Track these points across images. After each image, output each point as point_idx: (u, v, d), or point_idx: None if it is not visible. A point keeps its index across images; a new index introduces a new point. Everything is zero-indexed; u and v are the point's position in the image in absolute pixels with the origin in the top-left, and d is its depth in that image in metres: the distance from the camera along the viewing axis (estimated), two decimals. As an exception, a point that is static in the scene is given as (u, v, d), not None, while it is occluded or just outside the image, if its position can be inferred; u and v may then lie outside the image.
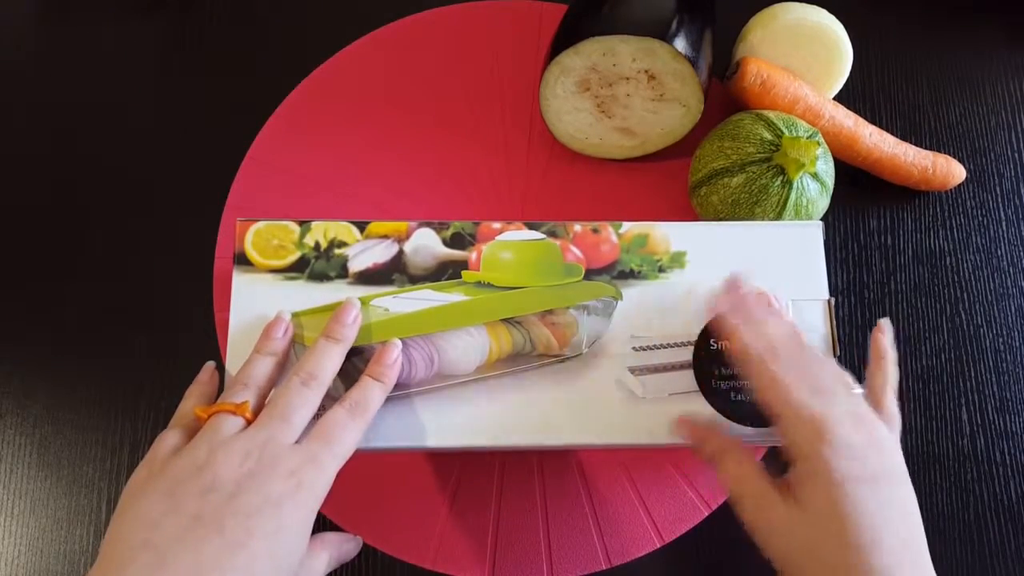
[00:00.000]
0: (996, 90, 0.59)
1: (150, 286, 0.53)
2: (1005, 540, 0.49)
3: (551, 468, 0.49)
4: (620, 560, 0.47)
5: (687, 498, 0.48)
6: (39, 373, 0.51)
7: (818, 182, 0.48)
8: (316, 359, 0.38)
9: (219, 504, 0.32)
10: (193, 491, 0.32)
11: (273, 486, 0.33)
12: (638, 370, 0.41)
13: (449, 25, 0.59)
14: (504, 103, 0.57)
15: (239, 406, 0.36)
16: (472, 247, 0.44)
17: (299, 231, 0.43)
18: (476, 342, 0.42)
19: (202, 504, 0.32)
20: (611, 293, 0.43)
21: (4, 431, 0.50)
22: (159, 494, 0.33)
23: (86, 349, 0.51)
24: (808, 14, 0.52)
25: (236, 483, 0.33)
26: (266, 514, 0.32)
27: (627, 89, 0.50)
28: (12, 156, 0.56)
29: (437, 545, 0.47)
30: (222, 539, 0.31)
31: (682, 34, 0.47)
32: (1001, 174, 0.57)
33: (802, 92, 0.52)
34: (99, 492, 0.49)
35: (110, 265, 0.53)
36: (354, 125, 0.56)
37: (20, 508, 0.49)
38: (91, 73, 0.58)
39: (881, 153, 0.54)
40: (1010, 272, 0.55)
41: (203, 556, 0.31)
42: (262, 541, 0.32)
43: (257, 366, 0.38)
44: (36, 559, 0.48)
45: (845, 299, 0.54)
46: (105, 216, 0.54)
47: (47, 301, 0.52)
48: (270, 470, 0.33)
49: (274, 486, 0.33)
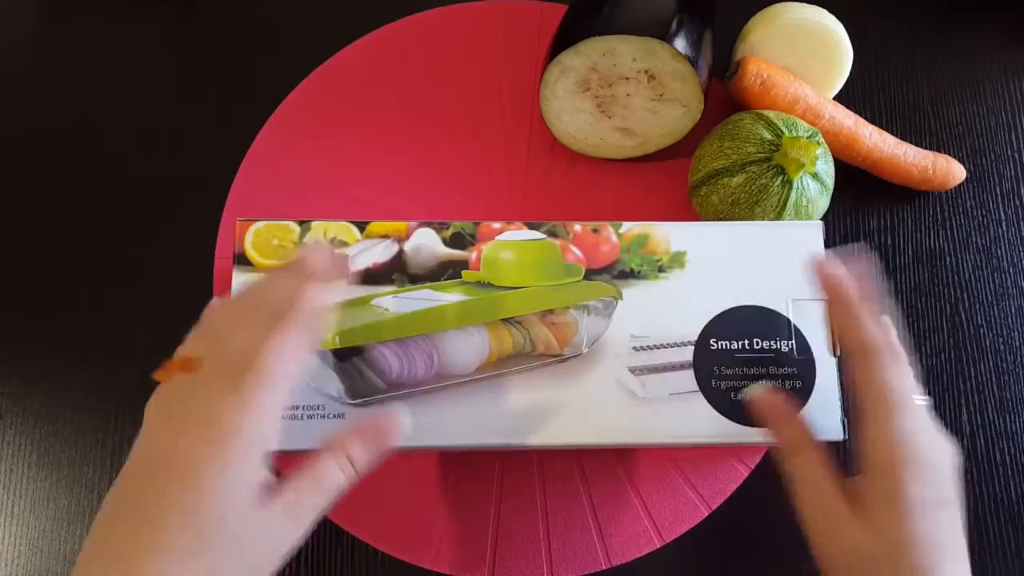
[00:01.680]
0: (996, 90, 0.59)
1: (150, 286, 0.53)
2: (1005, 540, 0.49)
3: (551, 468, 0.49)
4: (620, 560, 0.47)
5: (687, 498, 0.48)
6: (39, 373, 0.51)
7: (818, 182, 0.48)
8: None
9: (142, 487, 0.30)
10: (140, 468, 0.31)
11: (184, 445, 0.29)
12: (638, 370, 0.41)
13: (449, 25, 0.59)
14: (504, 103, 0.57)
15: (185, 361, 0.32)
16: (472, 247, 0.44)
17: (299, 231, 0.43)
18: (476, 342, 0.42)
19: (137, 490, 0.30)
20: (611, 293, 0.43)
21: (4, 431, 0.50)
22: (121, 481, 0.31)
23: (86, 349, 0.51)
24: (808, 14, 0.52)
25: (149, 455, 0.30)
26: (177, 482, 0.29)
27: (627, 89, 0.50)
28: (12, 156, 0.56)
29: (437, 545, 0.47)
30: (147, 531, 0.28)
31: (682, 34, 0.47)
32: (1001, 174, 0.57)
33: (802, 92, 0.52)
34: (99, 492, 0.49)
35: (110, 265, 0.53)
36: (354, 125, 0.56)
37: (20, 508, 0.49)
38: (91, 73, 0.58)
39: (881, 153, 0.54)
40: (1010, 272, 0.55)
41: (128, 554, 0.28)
42: (177, 517, 0.28)
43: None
44: (36, 559, 0.48)
45: (845, 299, 0.54)
46: (105, 216, 0.54)
47: (47, 301, 0.52)
48: (179, 430, 0.30)
49: (185, 444, 0.29)
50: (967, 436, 0.51)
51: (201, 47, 0.59)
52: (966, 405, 0.52)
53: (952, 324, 0.54)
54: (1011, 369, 0.53)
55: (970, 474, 0.51)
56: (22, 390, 0.51)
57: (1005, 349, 0.53)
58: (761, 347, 0.42)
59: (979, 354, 0.53)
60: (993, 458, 0.51)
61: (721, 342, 0.42)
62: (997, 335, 0.53)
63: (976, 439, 0.51)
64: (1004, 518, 0.50)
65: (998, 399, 0.52)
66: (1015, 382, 0.52)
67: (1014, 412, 0.52)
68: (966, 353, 0.53)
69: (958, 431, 0.51)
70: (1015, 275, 0.55)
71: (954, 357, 0.53)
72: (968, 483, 0.50)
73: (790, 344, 0.42)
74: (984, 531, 0.49)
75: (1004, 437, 0.51)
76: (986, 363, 0.53)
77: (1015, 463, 0.51)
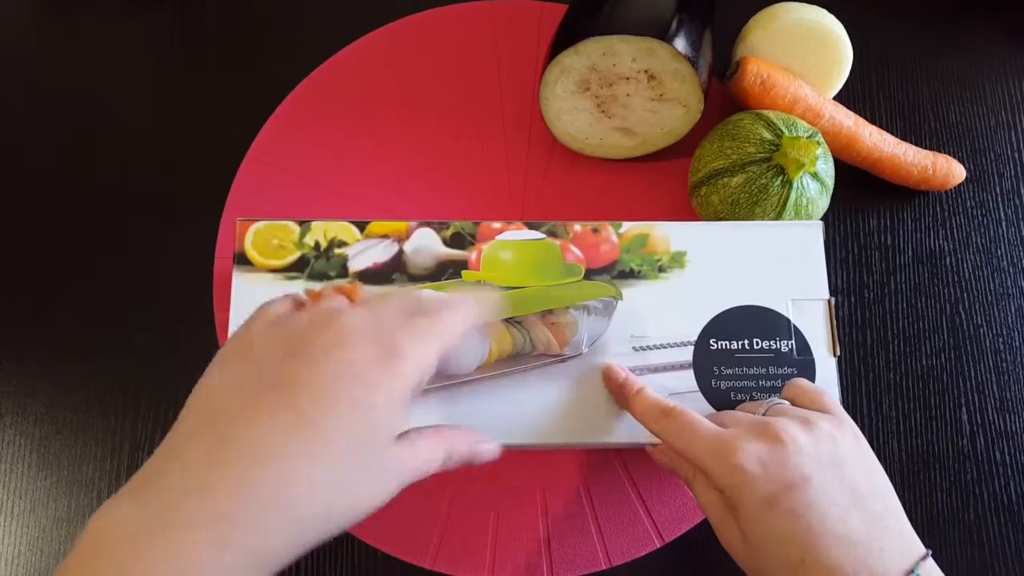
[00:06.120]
0: (996, 90, 0.59)
1: (150, 286, 0.53)
2: (1005, 540, 0.49)
3: (551, 468, 0.49)
4: (620, 560, 0.47)
5: (687, 498, 0.48)
6: (39, 373, 0.51)
7: (818, 182, 0.48)
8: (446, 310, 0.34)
9: (298, 371, 0.29)
10: (276, 358, 0.29)
11: (359, 352, 0.29)
12: (638, 370, 0.41)
13: (449, 25, 0.59)
14: (504, 103, 0.57)
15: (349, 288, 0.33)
16: (472, 247, 0.44)
17: (299, 231, 0.43)
18: (476, 342, 0.42)
19: (280, 372, 0.29)
20: (611, 293, 0.43)
21: (4, 431, 0.50)
22: (242, 363, 0.30)
23: (86, 349, 0.51)
24: (808, 14, 0.52)
25: (323, 349, 0.29)
26: (345, 383, 0.29)
27: (627, 89, 0.50)
28: (12, 156, 0.56)
29: (437, 545, 0.47)
30: (290, 414, 0.28)
31: (682, 34, 0.47)
32: (1001, 174, 0.57)
33: (802, 92, 0.52)
34: (99, 492, 0.49)
35: (110, 265, 0.53)
36: (354, 125, 0.56)
37: (20, 508, 0.49)
38: (91, 72, 0.58)
39: (881, 153, 0.54)
40: (1010, 272, 0.55)
41: (266, 436, 0.28)
42: (335, 418, 0.28)
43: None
44: (36, 559, 0.48)
45: (845, 299, 0.54)
46: (105, 216, 0.54)
47: (47, 301, 0.52)
48: (360, 337, 0.30)
49: (361, 352, 0.29)
50: (967, 436, 0.51)
51: (201, 47, 0.59)
52: (966, 405, 0.52)
53: (952, 324, 0.54)
54: (1011, 369, 0.53)
55: (970, 474, 0.51)
56: (22, 390, 0.51)
57: (1005, 349, 0.53)
58: (761, 347, 0.42)
59: (979, 354, 0.53)
60: (993, 458, 0.51)
61: (721, 342, 0.42)
62: (997, 335, 0.53)
63: (976, 439, 0.51)
64: (1004, 518, 0.50)
65: (998, 399, 0.52)
66: (1015, 382, 0.52)
67: (1014, 412, 0.52)
68: (966, 353, 0.53)
69: (958, 431, 0.51)
70: (1015, 275, 0.55)
71: (954, 357, 0.53)
72: (968, 483, 0.50)
73: (790, 344, 0.42)
74: (984, 531, 0.49)
75: (1004, 437, 0.51)
76: (986, 363, 0.53)
77: (1015, 463, 0.51)
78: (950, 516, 0.50)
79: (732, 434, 0.35)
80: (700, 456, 0.35)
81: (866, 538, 0.33)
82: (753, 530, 0.34)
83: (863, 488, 0.34)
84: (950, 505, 0.50)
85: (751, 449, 0.34)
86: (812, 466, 0.34)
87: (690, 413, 0.37)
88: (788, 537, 0.33)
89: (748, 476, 0.33)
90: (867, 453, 0.36)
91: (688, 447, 0.36)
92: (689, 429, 0.36)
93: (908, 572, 0.32)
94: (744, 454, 0.34)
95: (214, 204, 0.54)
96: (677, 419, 0.37)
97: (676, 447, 0.36)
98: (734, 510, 0.34)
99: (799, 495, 0.33)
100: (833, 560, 0.32)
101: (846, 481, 0.34)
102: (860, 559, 0.32)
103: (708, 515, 0.36)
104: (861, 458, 0.35)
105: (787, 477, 0.33)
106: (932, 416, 0.52)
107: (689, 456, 0.36)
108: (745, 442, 0.34)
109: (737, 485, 0.34)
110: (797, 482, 0.33)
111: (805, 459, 0.34)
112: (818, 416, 0.36)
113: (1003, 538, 0.49)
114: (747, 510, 0.34)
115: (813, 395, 0.38)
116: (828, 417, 0.36)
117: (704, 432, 0.36)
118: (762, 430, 0.35)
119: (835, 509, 0.33)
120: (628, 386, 0.40)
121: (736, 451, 0.34)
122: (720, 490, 0.35)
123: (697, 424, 0.36)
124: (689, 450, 0.36)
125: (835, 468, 0.34)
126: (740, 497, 0.34)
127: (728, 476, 0.34)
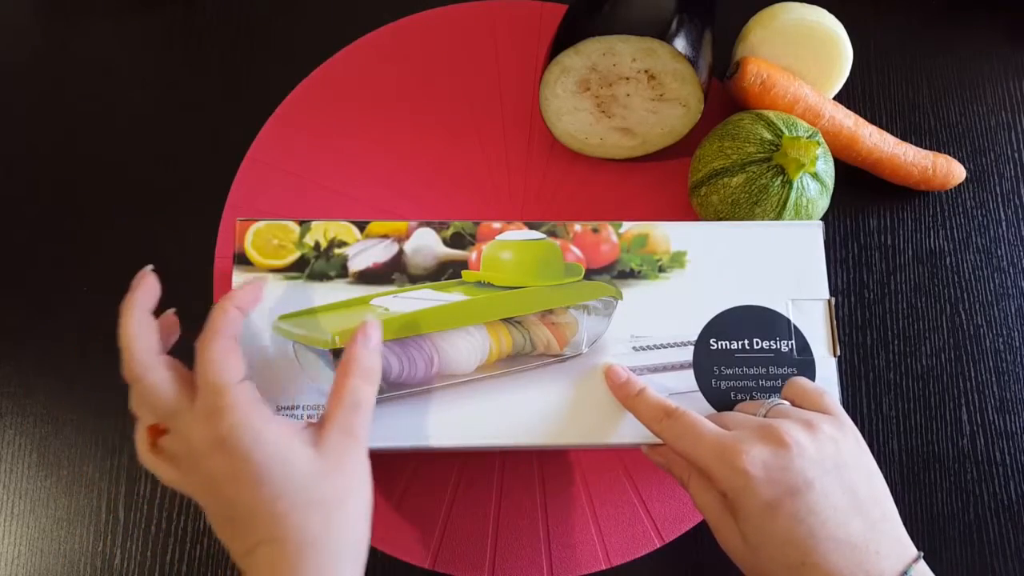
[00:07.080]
0: (996, 90, 0.59)
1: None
2: (1005, 540, 0.49)
3: (551, 468, 0.49)
4: (620, 560, 0.47)
5: (687, 498, 0.48)
6: (39, 373, 0.51)
7: (818, 182, 0.48)
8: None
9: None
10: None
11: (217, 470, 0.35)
12: (638, 370, 0.41)
13: (449, 25, 0.59)
14: (504, 103, 0.57)
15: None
16: (472, 247, 0.44)
17: (299, 231, 0.43)
18: (476, 342, 0.42)
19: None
20: (611, 293, 0.43)
21: (4, 431, 0.50)
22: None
23: (86, 349, 0.51)
24: (808, 14, 0.52)
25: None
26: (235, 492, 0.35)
27: (627, 89, 0.50)
28: (12, 155, 0.56)
29: (437, 545, 0.47)
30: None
31: (682, 34, 0.47)
32: (1001, 174, 0.57)
33: (802, 92, 0.52)
34: (99, 492, 0.49)
35: (110, 265, 0.53)
36: (354, 125, 0.56)
37: (20, 508, 0.49)
38: (91, 72, 0.58)
39: (881, 153, 0.54)
40: (1010, 272, 0.55)
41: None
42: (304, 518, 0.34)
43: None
44: (36, 559, 0.48)
45: (845, 299, 0.54)
46: (105, 215, 0.54)
47: (47, 301, 0.52)
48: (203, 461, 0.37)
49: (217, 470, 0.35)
50: (967, 436, 0.51)
51: (201, 47, 0.59)
52: (966, 405, 0.52)
53: (952, 324, 0.54)
54: (1011, 369, 0.53)
55: (970, 474, 0.51)
56: (22, 390, 0.51)
57: (1005, 349, 0.53)
58: (761, 347, 0.42)
59: (979, 354, 0.53)
60: (993, 458, 0.51)
61: (721, 342, 0.42)
62: (997, 335, 0.53)
63: (976, 439, 0.51)
64: (1004, 518, 0.50)
65: (998, 399, 0.52)
66: (1015, 382, 0.52)
67: (1014, 412, 0.52)
68: (966, 353, 0.53)
69: (958, 431, 0.51)
70: (1015, 275, 0.55)
71: (954, 357, 0.53)
72: (968, 483, 0.50)
73: (790, 344, 0.42)
74: (984, 531, 0.49)
75: (1004, 437, 0.51)
76: (986, 363, 0.53)
77: (1015, 463, 0.51)
78: (950, 516, 0.50)
79: (736, 437, 0.35)
80: (703, 458, 0.35)
81: (864, 541, 0.33)
82: (754, 532, 0.34)
83: (863, 492, 0.34)
84: (950, 505, 0.50)
85: (755, 453, 0.34)
86: (815, 471, 0.34)
87: (692, 414, 0.37)
88: (789, 540, 0.33)
89: (752, 480, 0.33)
90: (866, 455, 0.36)
91: (691, 449, 0.36)
92: (692, 431, 0.36)
93: (901, 574, 0.33)
94: (748, 458, 0.34)
95: (214, 204, 0.54)
96: (680, 420, 0.37)
97: (678, 449, 0.37)
98: (735, 512, 0.34)
99: (802, 500, 0.33)
100: (832, 564, 0.32)
101: (847, 485, 0.34)
102: (858, 562, 0.32)
103: (706, 516, 0.36)
104: (861, 461, 0.36)
105: (791, 481, 0.33)
106: (932, 416, 0.52)
107: (692, 458, 0.36)
108: (749, 445, 0.34)
109: (741, 488, 0.34)
110: (800, 487, 0.33)
111: (808, 463, 0.34)
112: (820, 418, 0.36)
113: (1003, 538, 0.49)
114: (749, 513, 0.34)
115: (813, 395, 0.38)
116: (830, 419, 0.36)
117: (707, 434, 0.36)
118: (766, 433, 0.35)
119: (836, 513, 0.33)
120: (629, 387, 0.40)
121: (740, 454, 0.34)
122: (722, 492, 0.35)
123: (700, 426, 0.36)
124: (692, 452, 0.36)
125: (836, 472, 0.34)
126: (743, 500, 0.34)
127: (732, 479, 0.34)
